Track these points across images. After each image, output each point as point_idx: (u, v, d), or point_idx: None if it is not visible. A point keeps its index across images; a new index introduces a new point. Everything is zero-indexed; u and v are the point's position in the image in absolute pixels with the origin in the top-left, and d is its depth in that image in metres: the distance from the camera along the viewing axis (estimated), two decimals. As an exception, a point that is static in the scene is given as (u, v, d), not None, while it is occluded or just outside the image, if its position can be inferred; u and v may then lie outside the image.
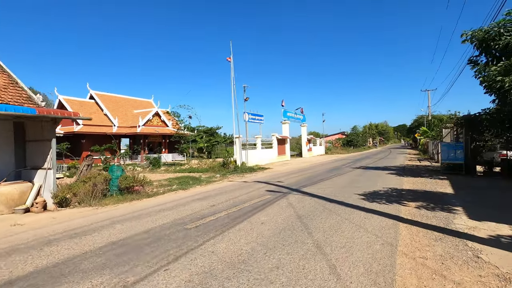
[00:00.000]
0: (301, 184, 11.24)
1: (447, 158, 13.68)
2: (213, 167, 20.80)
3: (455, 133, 17.18)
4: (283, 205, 7.33)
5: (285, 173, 16.34)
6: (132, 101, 41.20)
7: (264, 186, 10.97)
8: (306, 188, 10.02)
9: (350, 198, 8.00)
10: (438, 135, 28.92)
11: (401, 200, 7.69)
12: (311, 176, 14.08)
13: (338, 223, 5.52)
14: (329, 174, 14.48)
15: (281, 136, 27.58)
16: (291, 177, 13.76)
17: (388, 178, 12.56)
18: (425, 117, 52.52)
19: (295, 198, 8.18)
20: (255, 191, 9.73)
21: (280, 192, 9.37)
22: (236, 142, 21.34)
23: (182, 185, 11.76)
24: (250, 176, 15.08)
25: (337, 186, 10.48)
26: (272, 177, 14.11)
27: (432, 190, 9.16)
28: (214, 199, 8.45)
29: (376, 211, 6.43)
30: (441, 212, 6.29)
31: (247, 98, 21.27)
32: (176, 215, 6.56)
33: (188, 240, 4.68)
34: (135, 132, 33.39)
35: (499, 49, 10.95)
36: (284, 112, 29.50)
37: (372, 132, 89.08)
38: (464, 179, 11.82)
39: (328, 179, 12.51)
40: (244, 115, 22.36)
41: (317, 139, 40.93)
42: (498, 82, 9.55)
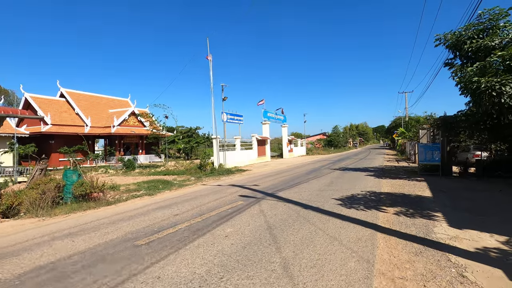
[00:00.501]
0: (278, 187, 10.68)
1: (424, 159, 13.61)
2: (190, 169, 19.95)
3: (432, 134, 17.30)
4: (254, 212, 6.71)
5: (263, 175, 15.77)
6: (108, 100, 39.24)
7: (238, 190, 10.31)
8: (282, 192, 9.47)
9: (326, 204, 7.51)
10: (415, 136, 29.47)
11: (379, 205, 7.27)
12: (289, 178, 13.58)
13: (311, 235, 4.96)
14: (308, 176, 14.04)
15: (261, 136, 27.03)
16: (268, 180, 13.19)
17: (367, 180, 12.27)
18: (403, 118, 53.89)
19: (269, 204, 7.58)
20: (227, 196, 9.06)
21: (254, 197, 8.75)
22: (214, 143, 20.55)
23: (150, 190, 10.88)
24: (226, 179, 14.37)
25: (315, 189, 10.00)
26: (249, 180, 13.49)
27: (411, 194, 8.86)
28: (180, 206, 7.69)
29: (353, 219, 5.94)
30: (420, 218, 5.90)
31: (225, 97, 20.54)
32: (131, 227, 5.77)
33: (133, 262, 3.94)
34: (109, 132, 31.74)
35: (472, 52, 10.93)
36: (264, 113, 28.97)
37: (353, 132, 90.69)
38: (441, 181, 11.71)
39: (306, 182, 12.03)
40: (222, 115, 21.59)
41: (298, 139, 40.76)
42: (474, 83, 9.41)
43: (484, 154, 18.21)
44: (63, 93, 32.83)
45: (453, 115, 12.67)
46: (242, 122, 24.72)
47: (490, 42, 10.02)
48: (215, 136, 20.40)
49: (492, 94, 9.08)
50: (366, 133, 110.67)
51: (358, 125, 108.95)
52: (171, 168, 22.31)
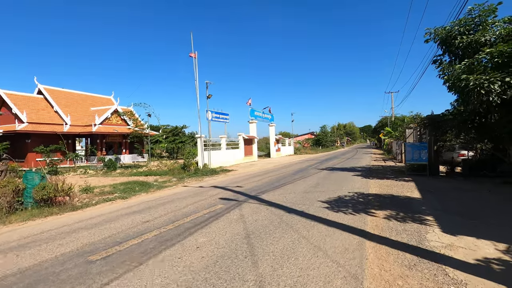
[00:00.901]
0: (262, 189, 10.14)
1: (412, 158, 13.39)
2: (173, 170, 19.17)
3: (418, 133, 17.19)
4: (233, 218, 6.13)
5: (249, 175, 15.21)
6: (90, 97, 37.67)
7: (219, 192, 9.71)
8: (266, 194, 8.93)
9: (312, 207, 7.02)
10: (401, 135, 29.60)
11: (367, 208, 6.84)
12: (274, 179, 13.07)
13: (293, 244, 4.43)
14: (294, 177, 13.58)
15: (248, 136, 26.45)
16: (253, 181, 12.64)
17: (354, 180, 11.91)
18: (389, 118, 54.51)
19: (250, 208, 7.03)
20: (207, 199, 8.44)
21: (236, 200, 8.17)
22: (198, 143, 19.84)
23: (125, 193, 10.12)
24: (210, 180, 13.73)
25: (301, 191, 9.52)
26: (233, 181, 12.89)
27: (399, 195, 8.50)
28: (153, 211, 7.02)
29: (340, 225, 5.46)
30: (411, 223, 5.48)
31: (210, 95, 19.83)
32: (91, 237, 5.08)
33: (79, 284, 3.30)
34: (90, 131, 30.42)
35: (462, 48, 10.72)
36: (251, 111, 28.40)
37: (340, 132, 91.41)
38: (428, 181, 11.48)
39: (292, 183, 11.55)
40: (207, 114, 20.89)
41: (285, 139, 40.42)
42: (462, 81, 9.15)
43: (469, 153, 18.29)
44: (41, 90, 31.22)
45: (440, 114, 12.49)
46: (228, 121, 24.09)
47: (481, 37, 9.81)
48: (199, 135, 19.68)
49: (481, 92, 8.83)
50: (353, 132, 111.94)
51: (346, 125, 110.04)
52: (154, 168, 21.46)
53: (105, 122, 32.61)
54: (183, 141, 37.54)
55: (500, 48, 8.62)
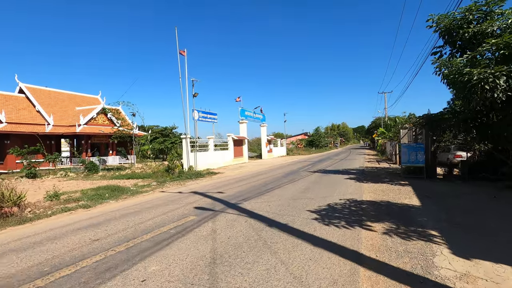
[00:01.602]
0: (245, 195, 9.16)
1: (408, 160, 12.57)
2: (157, 172, 18.11)
3: (414, 133, 16.43)
4: (203, 234, 5.14)
5: (235, 179, 14.21)
6: (75, 97, 36.19)
7: (197, 199, 8.70)
8: (248, 202, 7.95)
9: (298, 218, 6.07)
10: (395, 136, 28.97)
11: (362, 219, 5.92)
12: (262, 183, 12.10)
13: (267, 274, 3.46)
14: (283, 180, 12.63)
15: (237, 136, 25.44)
16: (238, 185, 11.65)
17: (347, 184, 11.02)
18: (382, 118, 54.12)
19: (226, 221, 6.04)
20: (181, 208, 7.42)
21: (212, 210, 7.17)
22: (183, 144, 18.77)
23: (93, 201, 9.03)
24: (192, 184, 12.69)
25: (288, 197, 8.57)
26: (216, 186, 11.88)
27: (397, 202, 7.61)
28: (111, 225, 5.98)
29: (329, 244, 4.51)
30: (414, 241, 4.56)
31: (196, 93, 18.81)
32: (14, 264, 4.03)
33: None
34: (74, 132, 29.05)
35: (466, 39, 9.91)
36: (241, 111, 27.39)
37: (334, 133, 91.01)
38: (426, 184, 10.66)
39: (279, 187, 10.60)
40: (194, 113, 19.83)
41: (278, 139, 39.52)
42: (465, 75, 8.33)
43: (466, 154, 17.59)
44: (22, 88, 29.72)
45: (438, 113, 11.68)
46: (216, 121, 23.06)
47: (488, 27, 9.00)
48: (184, 135, 18.61)
49: (485, 88, 8.01)
50: (346, 133, 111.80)
51: (339, 125, 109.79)
52: (138, 171, 20.32)
53: (91, 122, 31.28)
54: (173, 142, 36.38)
55: (506, 39, 7.82)
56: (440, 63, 10.26)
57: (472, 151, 14.55)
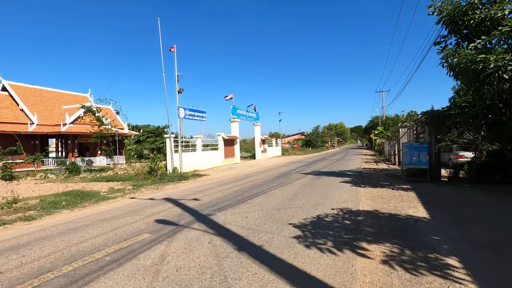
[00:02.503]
0: (223, 203, 7.88)
1: (409, 162, 11.34)
2: (140, 174, 16.80)
3: (415, 132, 15.23)
4: (145, 264, 3.85)
5: (219, 182, 12.92)
6: (62, 95, 34.74)
7: (166, 209, 7.40)
8: (223, 213, 6.67)
9: (277, 237, 4.79)
10: (394, 135, 27.80)
11: (357, 238, 4.65)
12: (246, 187, 10.82)
13: None
14: (271, 184, 11.36)
15: (228, 136, 24.12)
16: (220, 190, 10.36)
17: (342, 189, 9.77)
18: (380, 117, 53.02)
19: (186, 241, 4.75)
20: (139, 222, 6.12)
21: (176, 224, 5.88)
22: (167, 143, 17.46)
23: (45, 209, 7.72)
24: (170, 189, 11.39)
25: (272, 206, 7.30)
26: (196, 190, 10.58)
27: (400, 213, 6.35)
28: (35, 248, 4.66)
29: (309, 279, 3.25)
30: (427, 276, 3.29)
31: (181, 89, 17.48)
32: None
33: None
34: (59, 131, 27.66)
35: (472, 27, 8.69)
36: (233, 109, 26.07)
37: (331, 132, 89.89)
38: (431, 189, 9.43)
39: (265, 193, 9.33)
40: (179, 111, 18.50)
41: (272, 139, 38.24)
42: (478, 63, 7.10)
43: (469, 154, 16.40)
44: (5, 86, 28.29)
45: (444, 109, 10.48)
46: (205, 119, 21.73)
47: (498, 12, 7.77)
48: (169, 134, 17.30)
49: (503, 77, 6.80)
50: (343, 132, 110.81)
51: (337, 125, 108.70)
52: (121, 172, 19.00)
53: (77, 121, 29.87)
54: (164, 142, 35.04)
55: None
56: (446, 53, 9.06)
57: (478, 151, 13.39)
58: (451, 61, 8.95)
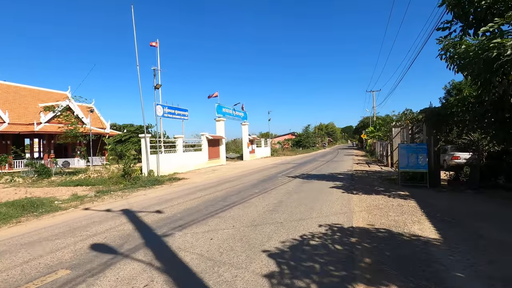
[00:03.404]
0: (190, 217, 6.50)
1: (407, 165, 10.20)
2: (113, 178, 15.27)
3: (410, 132, 14.16)
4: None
5: (195, 188, 11.51)
6: (39, 92, 32.58)
7: (115, 226, 5.97)
8: (183, 233, 5.30)
9: (242, 275, 3.46)
10: (386, 135, 26.89)
11: (352, 278, 3.35)
12: (224, 194, 9.47)
13: None
14: (253, 190, 10.04)
15: (213, 136, 22.69)
16: (192, 198, 8.97)
17: (333, 196, 8.52)
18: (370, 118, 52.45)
19: (114, 282, 3.37)
20: (68, 248, 4.69)
21: (115, 252, 4.48)
22: (142, 144, 15.93)
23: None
24: (137, 196, 9.93)
25: (247, 221, 5.97)
26: (165, 199, 9.16)
27: (403, 232, 5.11)
28: None
29: None
30: None
31: (159, 85, 15.98)
32: None
33: None
34: (33, 130, 25.68)
35: (483, 9, 7.57)
36: (218, 108, 24.63)
37: (321, 132, 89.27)
38: (433, 197, 8.28)
39: (243, 202, 7.99)
40: (157, 108, 16.98)
41: (261, 139, 36.93)
42: (492, 50, 5.94)
43: (465, 155, 15.47)
44: (-26, 82, 26.16)
45: (444, 105, 9.37)
46: (187, 118, 20.24)
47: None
48: (143, 134, 15.78)
49: (522, 66, 5.65)
50: (334, 133, 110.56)
51: (327, 125, 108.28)
52: (94, 175, 17.38)
53: (54, 120, 27.87)
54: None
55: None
56: (448, 43, 7.92)
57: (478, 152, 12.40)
58: (452, 52, 7.87)
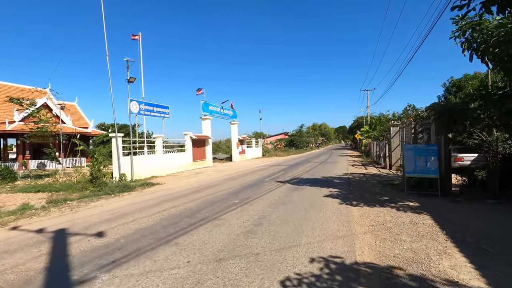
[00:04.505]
0: (135, 244, 4.81)
1: (414, 169, 8.68)
2: (81, 182, 13.47)
3: (413, 131, 12.68)
4: None
5: (167, 196, 9.78)
6: (15, 89, 30.20)
7: (24, 261, 4.25)
8: (111, 275, 3.60)
9: None
10: (381, 134, 25.52)
11: None
12: (196, 206, 7.77)
13: None
14: (232, 200, 8.37)
15: (198, 135, 20.93)
16: (154, 212, 7.25)
17: (327, 210, 6.92)
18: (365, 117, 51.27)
19: None
20: None
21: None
22: (113, 144, 14.12)
23: None
24: (91, 208, 8.17)
25: (209, 252, 4.31)
26: (120, 213, 7.42)
27: (431, 275, 3.50)
28: None
29: None
30: None
31: (132, 78, 14.18)
32: None
33: None
34: (4, 130, 23.61)
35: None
36: (204, 105, 22.86)
37: (315, 132, 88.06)
38: (450, 210, 6.74)
39: (214, 219, 6.33)
40: (131, 105, 15.18)
41: (252, 139, 35.26)
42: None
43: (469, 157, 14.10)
44: None
45: (461, 100, 7.86)
46: (168, 116, 18.44)
47: None
48: (114, 134, 13.96)
49: None
50: (327, 133, 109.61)
51: (321, 125, 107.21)
52: (63, 179, 15.48)
53: (29, 119, 25.68)
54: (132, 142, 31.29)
55: None
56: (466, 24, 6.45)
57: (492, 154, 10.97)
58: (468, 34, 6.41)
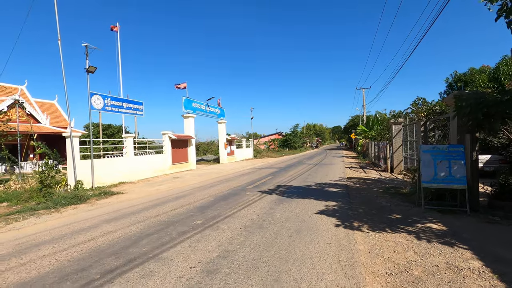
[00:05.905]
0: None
1: (434, 178, 6.67)
2: (31, 190, 11.35)
3: (422, 130, 10.74)
4: None
5: (116, 213, 7.64)
6: (-18, 86, 27.52)
7: None
8: None
9: None
10: (380, 134, 23.64)
11: None
12: (139, 232, 5.68)
13: None
14: (192, 222, 6.29)
15: (178, 135, 18.77)
16: (72, 244, 5.14)
17: (319, 239, 4.88)
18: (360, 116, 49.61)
19: None
20: None
21: None
22: (67, 145, 11.91)
23: None
24: (9, 232, 6.01)
25: None
26: (33, 243, 5.28)
27: None
28: None
29: None
30: None
31: (92, 67, 11.99)
32: None
33: None
34: (-31, 129, 20.88)
35: None
36: (186, 102, 20.67)
37: (310, 132, 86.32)
38: (491, 236, 4.74)
39: (150, 259, 4.25)
40: (93, 100, 12.98)
41: (243, 140, 33.15)
42: None
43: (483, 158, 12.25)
44: None
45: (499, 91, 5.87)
46: (141, 114, 16.26)
47: None
48: (68, 132, 11.75)
49: None
50: (322, 133, 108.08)
51: (316, 125, 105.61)
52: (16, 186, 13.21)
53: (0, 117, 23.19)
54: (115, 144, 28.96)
55: None
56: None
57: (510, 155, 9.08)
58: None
